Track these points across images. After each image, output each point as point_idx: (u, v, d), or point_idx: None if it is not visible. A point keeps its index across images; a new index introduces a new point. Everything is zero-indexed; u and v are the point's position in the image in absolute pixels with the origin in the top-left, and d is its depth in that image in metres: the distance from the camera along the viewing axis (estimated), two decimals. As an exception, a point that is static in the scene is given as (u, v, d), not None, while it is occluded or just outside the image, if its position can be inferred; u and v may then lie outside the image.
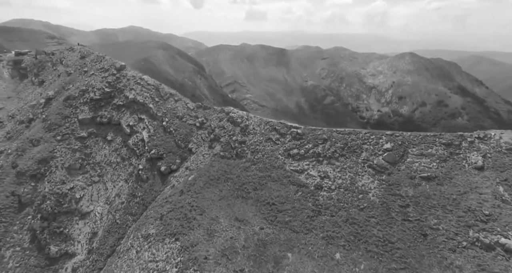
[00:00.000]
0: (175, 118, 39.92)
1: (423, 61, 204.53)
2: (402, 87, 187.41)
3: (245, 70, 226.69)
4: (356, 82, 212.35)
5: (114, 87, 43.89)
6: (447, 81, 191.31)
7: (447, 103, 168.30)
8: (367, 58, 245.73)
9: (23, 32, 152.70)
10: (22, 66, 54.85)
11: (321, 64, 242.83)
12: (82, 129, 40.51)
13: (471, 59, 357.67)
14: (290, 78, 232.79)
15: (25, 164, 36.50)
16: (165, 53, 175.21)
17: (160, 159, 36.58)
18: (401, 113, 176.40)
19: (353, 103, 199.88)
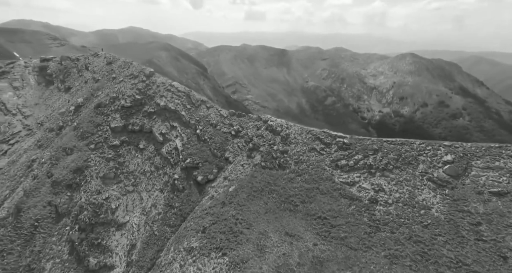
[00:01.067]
0: (208, 126, 39.25)
1: (423, 62, 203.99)
2: (403, 88, 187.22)
3: (246, 71, 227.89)
4: (357, 83, 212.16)
5: (144, 94, 43.46)
6: (448, 81, 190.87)
7: (449, 104, 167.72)
8: (367, 58, 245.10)
9: (25, 33, 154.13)
10: (47, 72, 54.93)
11: (321, 64, 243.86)
12: (114, 137, 40.12)
13: (470, 59, 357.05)
14: (291, 78, 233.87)
15: (60, 174, 36.21)
16: (168, 54, 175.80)
17: (196, 169, 35.93)
18: (403, 114, 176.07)
19: (354, 104, 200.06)
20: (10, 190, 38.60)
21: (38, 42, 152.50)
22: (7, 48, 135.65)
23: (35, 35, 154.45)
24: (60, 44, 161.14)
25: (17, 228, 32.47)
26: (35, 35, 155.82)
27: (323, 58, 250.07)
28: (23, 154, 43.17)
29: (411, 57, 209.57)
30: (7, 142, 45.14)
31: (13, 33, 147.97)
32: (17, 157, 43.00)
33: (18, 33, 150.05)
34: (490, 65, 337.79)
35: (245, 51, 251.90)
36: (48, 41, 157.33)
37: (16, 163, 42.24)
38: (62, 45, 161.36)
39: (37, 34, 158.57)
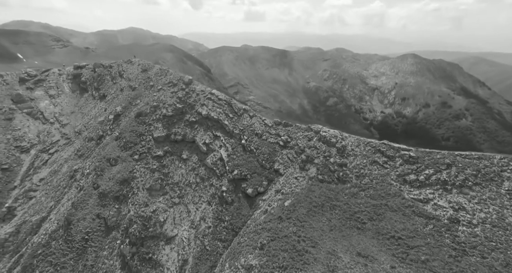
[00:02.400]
0: (253, 135, 38.28)
1: (425, 62, 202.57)
2: (405, 89, 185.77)
3: (247, 72, 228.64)
4: (358, 84, 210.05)
5: (184, 102, 42.80)
6: (449, 82, 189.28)
7: (451, 104, 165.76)
8: (369, 59, 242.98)
9: (28, 35, 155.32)
10: (82, 80, 54.99)
11: (323, 65, 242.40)
12: (157, 147, 39.55)
13: (469, 60, 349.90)
14: (292, 79, 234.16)
15: (107, 185, 35.76)
16: (173, 56, 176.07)
17: (244, 180, 34.98)
18: (405, 115, 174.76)
19: (356, 105, 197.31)
20: (55, 201, 38.40)
21: (41, 43, 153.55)
22: (11, 50, 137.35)
23: (38, 37, 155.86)
24: (63, 46, 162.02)
25: (68, 241, 32.09)
26: (39, 36, 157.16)
27: (324, 59, 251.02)
28: (64, 164, 43.03)
29: (413, 57, 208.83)
30: (47, 151, 45.14)
31: (16, 35, 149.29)
32: (58, 167, 42.88)
33: (22, 35, 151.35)
34: (489, 65, 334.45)
35: (246, 52, 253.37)
36: (52, 42, 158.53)
37: (58, 173, 42.12)
38: (65, 47, 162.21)
39: (40, 35, 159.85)
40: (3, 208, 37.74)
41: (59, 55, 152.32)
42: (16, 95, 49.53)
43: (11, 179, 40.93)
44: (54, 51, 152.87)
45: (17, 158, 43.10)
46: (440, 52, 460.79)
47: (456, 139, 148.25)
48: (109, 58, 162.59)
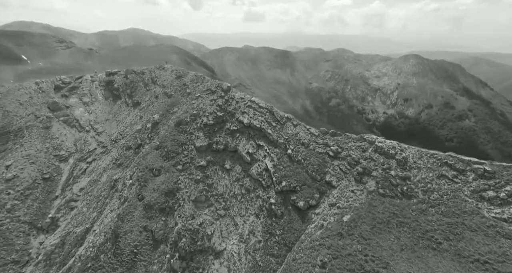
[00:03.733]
0: (300, 145, 36.99)
1: (427, 63, 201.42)
2: (407, 89, 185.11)
3: (249, 73, 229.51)
4: (361, 84, 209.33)
5: (225, 110, 41.85)
6: (452, 83, 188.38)
7: (454, 105, 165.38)
8: (370, 60, 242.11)
9: (32, 36, 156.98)
10: (114, 87, 54.74)
11: (324, 66, 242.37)
12: (200, 157, 38.63)
13: (469, 60, 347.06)
14: (294, 80, 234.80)
15: (152, 196, 34.98)
16: (179, 57, 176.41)
17: (293, 192, 33.69)
18: (407, 115, 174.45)
19: (358, 105, 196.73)
20: (97, 212, 37.85)
21: (45, 45, 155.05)
22: (15, 52, 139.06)
23: (42, 38, 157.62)
24: (67, 47, 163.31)
25: (117, 254, 31.35)
26: (42, 38, 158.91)
27: (326, 60, 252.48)
28: (103, 173, 42.57)
29: (415, 58, 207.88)
30: (85, 160, 44.80)
31: (20, 36, 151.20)
32: (97, 176, 42.45)
33: (26, 36, 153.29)
34: (489, 65, 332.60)
35: (248, 52, 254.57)
36: (55, 44, 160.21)
37: (97, 182, 41.66)
38: (69, 48, 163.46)
39: (44, 37, 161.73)
40: (47, 219, 37.38)
41: (62, 56, 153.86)
42: (52, 103, 49.52)
43: (53, 189, 40.63)
44: (58, 53, 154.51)
45: (57, 167, 42.85)
46: (440, 52, 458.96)
47: (459, 140, 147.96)
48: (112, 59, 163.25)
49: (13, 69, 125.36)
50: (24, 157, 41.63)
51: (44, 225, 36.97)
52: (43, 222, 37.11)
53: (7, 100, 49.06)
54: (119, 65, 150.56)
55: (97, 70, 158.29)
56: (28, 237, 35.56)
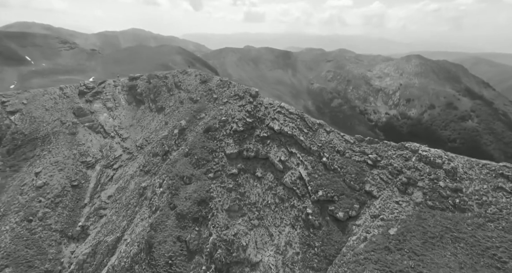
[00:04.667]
0: (335, 153, 35.78)
1: (429, 63, 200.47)
2: (410, 90, 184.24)
3: (251, 73, 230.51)
4: (362, 85, 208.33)
5: (254, 116, 40.91)
6: (454, 83, 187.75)
7: (456, 106, 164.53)
8: (372, 60, 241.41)
9: (35, 37, 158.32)
10: (137, 92, 54.34)
11: (326, 66, 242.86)
12: (231, 164, 37.74)
13: (470, 60, 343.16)
14: (296, 80, 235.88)
15: (184, 205, 34.18)
16: (182, 58, 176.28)
17: (331, 202, 32.49)
18: (410, 116, 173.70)
19: (360, 106, 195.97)
20: (127, 220, 37.25)
21: (48, 46, 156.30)
22: (19, 53, 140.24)
23: (45, 39, 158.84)
24: (70, 48, 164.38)
25: (152, 265, 30.58)
26: (45, 39, 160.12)
27: (328, 60, 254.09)
28: (130, 180, 42.03)
29: (417, 58, 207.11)
30: (111, 167, 44.37)
31: (24, 37, 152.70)
32: (125, 184, 41.93)
33: (29, 37, 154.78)
34: (490, 66, 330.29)
35: (249, 53, 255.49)
36: (58, 44, 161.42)
37: (125, 190, 41.12)
38: (72, 49, 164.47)
39: (47, 38, 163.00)
40: (77, 227, 36.95)
41: (65, 57, 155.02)
42: (77, 108, 49.34)
43: (81, 196, 40.24)
44: (61, 53, 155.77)
45: (84, 174, 42.50)
46: (440, 52, 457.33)
47: (462, 140, 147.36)
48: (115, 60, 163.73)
49: (17, 70, 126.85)
50: (53, 164, 41.36)
51: (75, 234, 36.53)
52: (73, 231, 36.68)
53: (33, 105, 49.07)
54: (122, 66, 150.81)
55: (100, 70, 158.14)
56: (60, 246, 35.14)
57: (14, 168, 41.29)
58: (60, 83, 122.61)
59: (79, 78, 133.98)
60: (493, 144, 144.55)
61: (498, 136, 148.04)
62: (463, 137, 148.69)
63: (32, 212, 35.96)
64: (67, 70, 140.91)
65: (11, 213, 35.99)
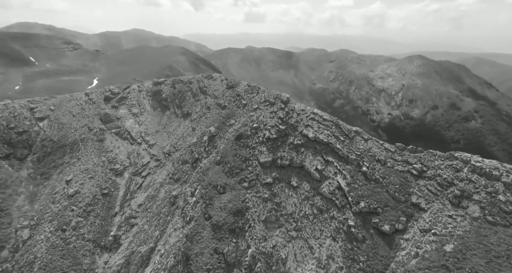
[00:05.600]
0: (375, 162, 34.35)
1: (432, 64, 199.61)
2: (412, 90, 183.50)
3: (253, 74, 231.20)
4: (365, 85, 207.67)
5: (286, 123, 39.78)
6: (457, 83, 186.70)
7: (460, 106, 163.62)
8: (374, 60, 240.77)
9: (40, 38, 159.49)
10: (162, 97, 53.83)
11: (328, 66, 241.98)
12: (265, 173, 36.64)
13: (471, 60, 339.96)
14: (298, 81, 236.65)
15: (220, 216, 33.20)
16: (186, 58, 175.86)
17: (375, 214, 31.06)
18: (412, 116, 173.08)
19: (362, 106, 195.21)
20: (159, 230, 36.48)
21: (52, 46, 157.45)
22: (23, 53, 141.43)
23: (49, 40, 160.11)
24: (74, 48, 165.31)
25: (190, 280, 29.66)
26: (49, 39, 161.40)
27: (330, 60, 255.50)
28: (160, 189, 41.33)
29: (420, 59, 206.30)
30: (139, 174, 43.79)
31: (28, 38, 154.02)
32: (154, 192, 41.24)
33: (34, 38, 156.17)
34: (491, 66, 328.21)
35: (251, 53, 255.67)
36: (62, 45, 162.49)
37: (155, 198, 40.42)
38: (76, 49, 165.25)
39: (51, 38, 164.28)
40: (110, 237, 36.35)
41: (69, 58, 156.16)
42: (104, 114, 49.04)
43: (112, 205, 39.71)
44: (65, 54, 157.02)
45: (114, 182, 42.00)
46: (440, 52, 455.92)
47: (466, 141, 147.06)
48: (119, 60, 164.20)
49: (22, 71, 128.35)
50: (83, 172, 40.98)
51: (107, 243, 35.93)
52: (106, 240, 36.08)
53: (60, 111, 48.98)
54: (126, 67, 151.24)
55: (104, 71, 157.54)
56: (94, 256, 34.57)
57: (45, 176, 41.07)
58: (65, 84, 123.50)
59: (83, 79, 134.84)
60: (497, 145, 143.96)
61: (502, 137, 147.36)
62: (467, 138, 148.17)
63: (65, 221, 35.50)
64: (71, 71, 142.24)
65: (45, 222, 35.62)
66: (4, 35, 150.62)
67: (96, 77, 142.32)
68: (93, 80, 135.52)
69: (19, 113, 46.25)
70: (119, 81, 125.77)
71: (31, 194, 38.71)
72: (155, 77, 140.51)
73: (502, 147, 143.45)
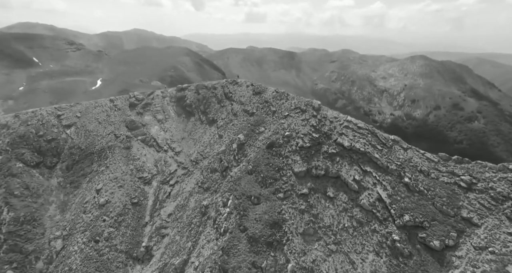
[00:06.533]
0: (417, 173, 32.84)
1: (434, 64, 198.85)
2: (415, 90, 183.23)
3: (255, 74, 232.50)
4: (367, 85, 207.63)
5: (319, 131, 38.58)
6: (459, 84, 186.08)
7: (463, 107, 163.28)
8: (376, 60, 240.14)
9: (43, 39, 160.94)
10: (187, 103, 53.26)
11: (330, 67, 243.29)
12: (300, 184, 35.50)
13: (472, 61, 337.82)
14: (300, 81, 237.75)
15: (256, 228, 32.15)
16: (191, 59, 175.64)
17: (421, 229, 29.55)
18: (415, 117, 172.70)
19: (365, 107, 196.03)
20: (191, 241, 35.65)
21: (55, 47, 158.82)
22: (27, 54, 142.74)
23: (52, 41, 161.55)
24: (77, 49, 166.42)
25: (228, 296, 28.68)
26: (53, 40, 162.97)
27: (332, 61, 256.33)
28: (190, 198, 40.57)
29: (422, 59, 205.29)
30: (167, 182, 43.16)
31: (31, 39, 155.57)
32: (184, 201, 40.50)
33: (37, 39, 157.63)
34: (492, 66, 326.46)
35: (253, 53, 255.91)
36: (65, 46, 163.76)
37: (185, 208, 39.67)
38: (79, 50, 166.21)
39: (54, 39, 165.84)
40: (141, 248, 35.70)
41: (73, 58, 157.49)
42: (130, 121, 48.72)
43: (142, 214, 39.12)
44: (68, 55, 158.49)
45: (142, 191, 41.46)
46: (441, 52, 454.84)
47: (469, 142, 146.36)
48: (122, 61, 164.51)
49: (26, 72, 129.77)
50: (112, 181, 40.56)
51: (139, 255, 35.29)
52: (138, 251, 35.45)
53: (86, 118, 48.86)
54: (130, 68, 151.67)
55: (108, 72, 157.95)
56: (126, 267, 33.96)
57: (74, 184, 40.81)
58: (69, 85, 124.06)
59: (87, 79, 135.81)
60: (500, 145, 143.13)
61: (506, 138, 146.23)
62: (470, 138, 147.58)
63: (98, 232, 35.02)
64: (75, 72, 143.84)
65: (77, 233, 35.21)
66: (7, 36, 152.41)
67: (99, 77, 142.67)
68: (97, 80, 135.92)
69: (47, 121, 46.28)
70: (123, 82, 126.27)
71: (62, 203, 38.43)
72: (159, 78, 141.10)
73: (506, 147, 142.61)
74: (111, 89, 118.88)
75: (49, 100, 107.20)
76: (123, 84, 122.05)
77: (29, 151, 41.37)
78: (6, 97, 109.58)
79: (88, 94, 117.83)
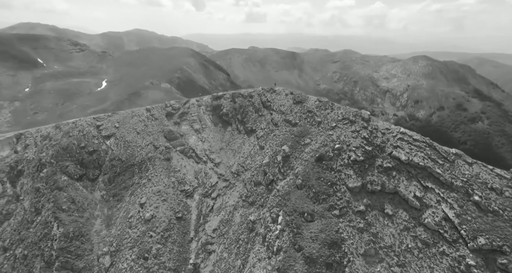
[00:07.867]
0: (488, 190, 30.35)
1: (437, 64, 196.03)
2: (418, 91, 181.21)
3: (257, 74, 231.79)
4: (370, 86, 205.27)
5: (372, 144, 36.60)
6: (463, 84, 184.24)
7: (466, 107, 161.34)
8: (379, 61, 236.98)
9: (48, 40, 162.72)
10: (223, 112, 52.22)
11: (332, 67, 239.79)
12: (356, 200, 33.57)
13: (473, 61, 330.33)
14: (302, 81, 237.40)
15: (313, 248, 30.44)
16: (196, 60, 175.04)
17: (500, 254, 27.04)
18: (418, 117, 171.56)
19: (368, 107, 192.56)
20: (241, 259, 34.25)
21: (59, 48, 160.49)
22: (32, 55, 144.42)
23: (56, 41, 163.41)
24: (81, 50, 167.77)
25: (290, 322, 27.01)
26: (57, 41, 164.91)
27: (334, 61, 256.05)
28: (234, 212, 39.24)
29: (425, 59, 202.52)
30: (209, 195, 42.02)
31: (36, 40, 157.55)
32: (228, 216, 39.20)
33: (41, 40, 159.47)
34: (494, 66, 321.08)
35: (255, 53, 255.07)
36: (69, 47, 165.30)
37: (230, 223, 38.34)
38: (82, 51, 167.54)
39: (58, 40, 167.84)
40: (189, 265, 34.56)
41: (77, 59, 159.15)
42: (168, 132, 48.07)
43: (186, 230, 38.07)
44: (72, 56, 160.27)
45: (185, 204, 40.46)
46: (442, 53, 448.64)
47: (473, 142, 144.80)
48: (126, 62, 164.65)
49: (31, 73, 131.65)
50: (156, 194, 39.75)
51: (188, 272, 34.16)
52: (186, 269, 34.33)
53: (124, 129, 48.52)
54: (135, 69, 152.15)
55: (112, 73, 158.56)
56: (176, 287, 32.84)
57: (117, 198, 40.25)
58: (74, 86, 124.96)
59: (91, 80, 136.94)
60: (504, 146, 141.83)
61: (510, 138, 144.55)
62: (474, 139, 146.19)
63: (146, 249, 34.12)
64: (79, 73, 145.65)
65: (125, 249, 34.42)
66: (11, 37, 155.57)
67: (104, 78, 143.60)
68: (102, 81, 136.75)
69: (88, 132, 46.15)
70: (129, 83, 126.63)
71: (107, 218, 37.84)
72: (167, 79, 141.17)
73: (510, 148, 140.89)
74: (117, 90, 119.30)
75: (55, 102, 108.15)
76: (131, 86, 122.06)
77: (73, 164, 41.13)
78: (13, 99, 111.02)
79: (94, 95, 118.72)
